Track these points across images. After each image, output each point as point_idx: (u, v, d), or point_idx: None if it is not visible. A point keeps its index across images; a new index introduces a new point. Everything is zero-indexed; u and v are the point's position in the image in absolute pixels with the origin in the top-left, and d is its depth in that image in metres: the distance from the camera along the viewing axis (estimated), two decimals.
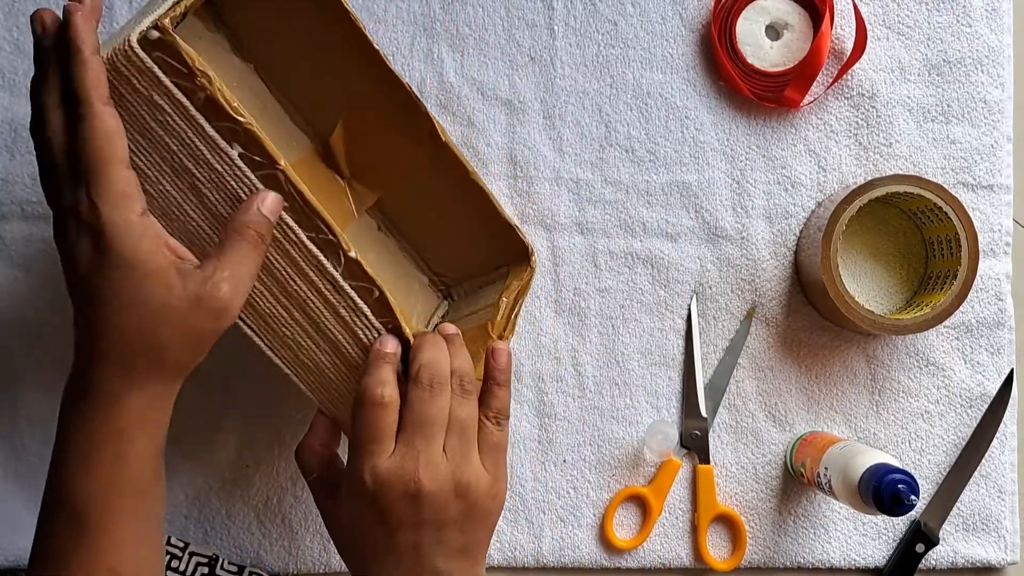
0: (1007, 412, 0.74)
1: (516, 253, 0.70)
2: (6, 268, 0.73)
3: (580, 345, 0.74)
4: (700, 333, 0.74)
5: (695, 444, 0.74)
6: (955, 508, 0.74)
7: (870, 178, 0.69)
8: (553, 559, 0.73)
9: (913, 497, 0.60)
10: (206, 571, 0.70)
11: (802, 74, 0.74)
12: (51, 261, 0.73)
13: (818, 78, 0.74)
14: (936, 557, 0.74)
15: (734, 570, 0.73)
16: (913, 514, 0.74)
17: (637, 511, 0.74)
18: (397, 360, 0.55)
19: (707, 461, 0.74)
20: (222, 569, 0.71)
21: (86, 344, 0.48)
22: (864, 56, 0.75)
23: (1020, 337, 0.76)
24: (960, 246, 0.69)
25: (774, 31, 0.75)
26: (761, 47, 0.74)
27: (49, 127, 0.47)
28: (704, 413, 0.74)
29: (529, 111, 0.75)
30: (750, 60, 0.74)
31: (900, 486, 0.60)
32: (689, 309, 0.74)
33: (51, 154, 0.47)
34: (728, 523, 0.74)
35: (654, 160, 0.75)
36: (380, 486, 0.51)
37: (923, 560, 0.73)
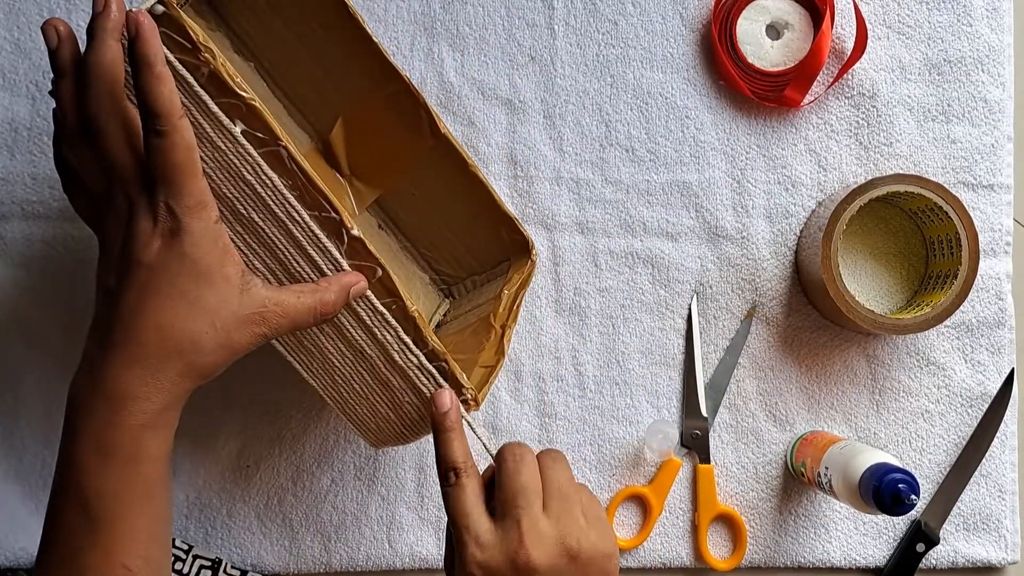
0: (1007, 412, 0.74)
1: (516, 247, 0.70)
2: (6, 268, 0.73)
3: (580, 345, 0.74)
4: (700, 333, 0.74)
5: (695, 444, 0.74)
6: (955, 508, 0.74)
7: (870, 177, 0.69)
8: None
9: (913, 497, 0.60)
10: (209, 574, 0.70)
11: (802, 74, 0.74)
12: (51, 261, 0.73)
13: (818, 78, 0.74)
14: (936, 557, 0.74)
15: (734, 570, 0.73)
16: (913, 514, 0.74)
17: (637, 511, 0.74)
18: (459, 420, 0.54)
19: (707, 461, 0.74)
20: (225, 572, 0.71)
21: (112, 336, 0.48)
22: (864, 56, 0.75)
23: (1020, 337, 0.76)
24: (960, 245, 0.69)
25: (775, 31, 0.75)
26: (762, 47, 0.74)
27: (109, 139, 0.48)
28: (704, 413, 0.74)
29: (529, 111, 0.75)
30: (750, 60, 0.74)
31: (900, 485, 0.60)
32: (689, 309, 0.74)
33: (111, 161, 0.48)
34: (728, 523, 0.74)
35: (654, 160, 0.75)
36: (485, 568, 0.49)
37: (923, 560, 0.73)
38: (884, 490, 0.60)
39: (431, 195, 0.70)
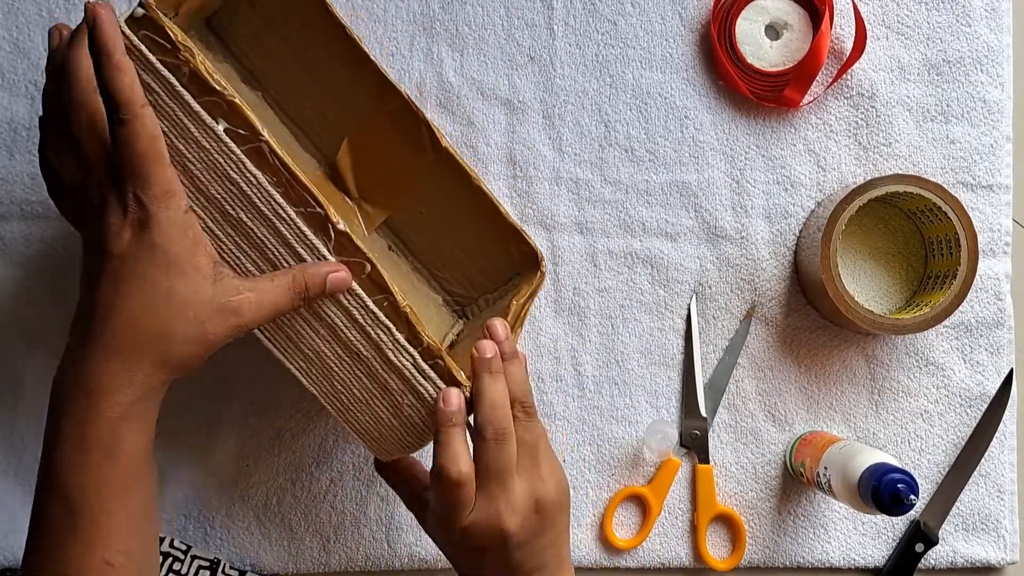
0: (1006, 412, 0.74)
1: (526, 261, 0.69)
2: (5, 268, 0.73)
3: (580, 345, 0.74)
4: (700, 333, 0.74)
5: (695, 444, 0.74)
6: (954, 508, 0.74)
7: (870, 178, 0.69)
8: None
9: (912, 497, 0.60)
10: (208, 574, 0.70)
11: (802, 74, 0.74)
12: (50, 260, 0.73)
13: (818, 78, 0.74)
14: (936, 557, 0.74)
15: (734, 570, 0.73)
16: (913, 514, 0.74)
17: (637, 511, 0.74)
18: (463, 416, 0.55)
19: (707, 461, 0.74)
20: (223, 573, 0.71)
21: (90, 329, 0.48)
22: (864, 56, 0.75)
23: (1019, 337, 0.76)
24: (960, 246, 0.69)
25: (774, 31, 0.75)
26: (761, 47, 0.74)
27: (80, 132, 0.49)
28: (704, 413, 0.74)
29: (529, 111, 0.75)
30: (750, 60, 0.74)
31: (899, 486, 0.60)
32: (689, 309, 0.74)
33: (83, 154, 0.49)
34: (728, 523, 0.74)
35: (654, 160, 0.75)
36: (470, 540, 0.54)
37: (922, 560, 0.73)
38: (883, 490, 0.60)
39: (438, 212, 0.70)
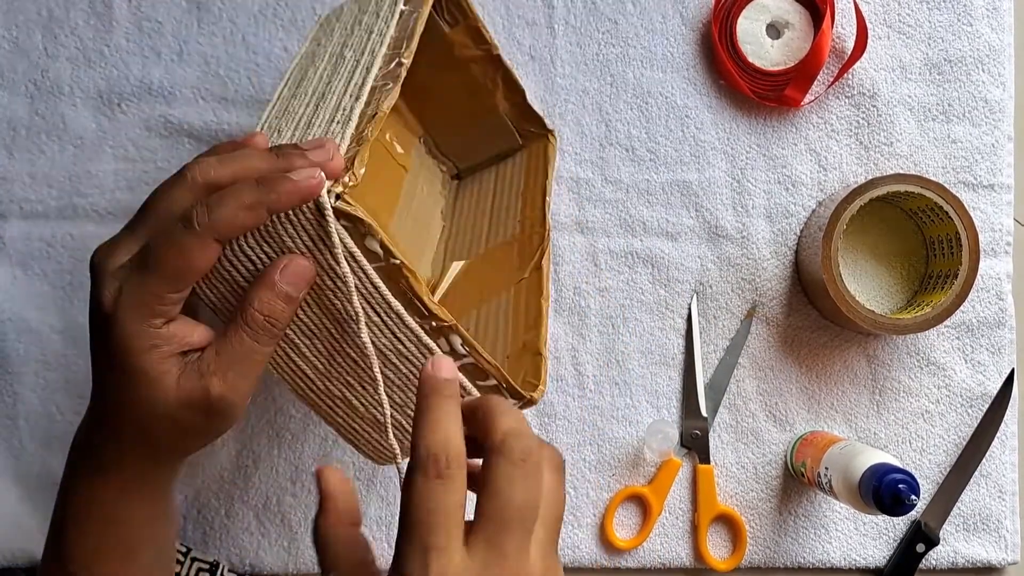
0: (1008, 412, 0.74)
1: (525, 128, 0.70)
2: (5, 267, 0.72)
3: (580, 344, 0.74)
4: (700, 332, 0.74)
5: (695, 444, 0.74)
6: (955, 508, 0.74)
7: (871, 177, 0.69)
8: None
9: (913, 497, 0.60)
10: None
11: (803, 73, 0.73)
12: (50, 260, 0.73)
13: (819, 77, 0.74)
14: (936, 557, 0.74)
15: (734, 570, 0.73)
16: (914, 514, 0.74)
17: (637, 511, 0.74)
18: (457, 388, 0.39)
19: (707, 461, 0.73)
20: None
21: (94, 405, 0.47)
22: (865, 55, 0.74)
23: (1021, 337, 0.75)
24: (961, 245, 0.68)
25: (775, 30, 0.75)
26: (762, 46, 0.74)
27: (166, 200, 0.43)
28: (704, 413, 0.74)
29: None
30: (751, 59, 0.74)
31: (900, 486, 0.60)
32: (689, 308, 0.74)
33: (143, 224, 0.43)
34: (728, 523, 0.74)
35: (654, 159, 0.75)
36: None
37: (923, 560, 0.73)
38: (884, 490, 0.60)
39: (448, 85, 0.68)
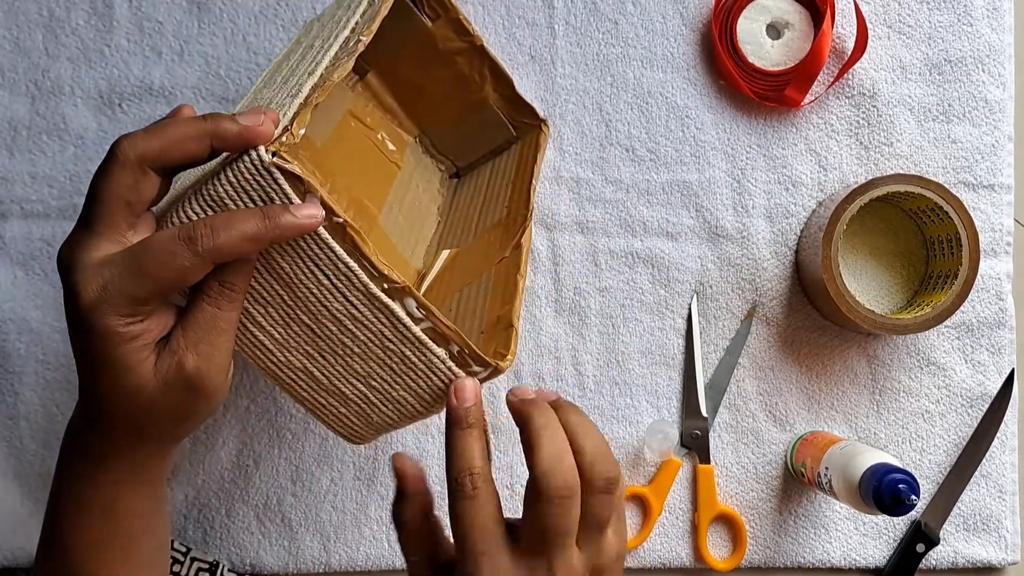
0: (1008, 412, 0.74)
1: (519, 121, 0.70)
2: (6, 267, 0.73)
3: (580, 344, 0.74)
4: (700, 333, 0.74)
5: (695, 444, 0.74)
6: (955, 508, 0.74)
7: (871, 177, 0.69)
8: None
9: (913, 497, 0.60)
10: None
11: (803, 73, 0.73)
12: (51, 260, 0.73)
13: (819, 77, 0.74)
14: (936, 557, 0.74)
15: (734, 570, 0.73)
16: (914, 514, 0.74)
17: (637, 511, 0.74)
18: (482, 415, 0.46)
19: (707, 461, 0.73)
20: None
21: (81, 399, 0.46)
22: (865, 55, 0.74)
23: (1021, 337, 0.75)
24: (961, 245, 0.68)
25: (775, 30, 0.75)
26: (762, 46, 0.74)
27: (106, 183, 0.43)
28: (704, 413, 0.74)
29: None
30: (751, 59, 0.74)
31: (900, 486, 0.60)
32: (689, 308, 0.74)
33: (109, 205, 0.43)
34: (728, 523, 0.74)
35: (655, 159, 0.75)
36: None
37: (923, 560, 0.73)
38: (884, 490, 0.60)
39: (439, 82, 0.69)
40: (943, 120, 0.75)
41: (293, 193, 0.42)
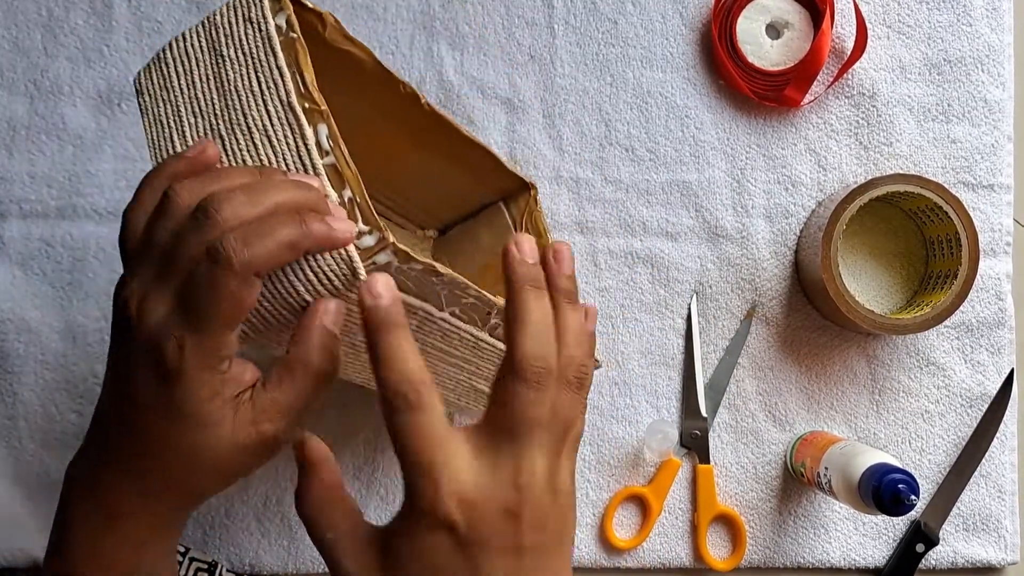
0: (1007, 412, 0.74)
1: (507, 187, 0.69)
2: (5, 267, 0.72)
3: None
4: (700, 333, 0.74)
5: (695, 444, 0.74)
6: (955, 508, 0.74)
7: (870, 177, 0.69)
8: None
9: (913, 497, 0.60)
10: None
11: (802, 73, 0.73)
12: (50, 260, 0.73)
13: (818, 77, 0.74)
14: (936, 557, 0.74)
15: (734, 570, 0.73)
16: (913, 514, 0.74)
17: (637, 511, 0.74)
18: (403, 314, 0.40)
19: (707, 461, 0.73)
20: None
21: (111, 450, 0.44)
22: (865, 55, 0.74)
23: (1020, 337, 0.75)
24: (960, 245, 0.68)
25: (774, 30, 0.75)
26: (761, 46, 0.74)
27: (185, 249, 0.40)
28: (704, 413, 0.74)
29: (529, 110, 0.75)
30: (750, 59, 0.74)
31: (900, 486, 0.60)
32: (689, 309, 0.74)
33: (174, 271, 0.40)
34: (728, 523, 0.74)
35: (654, 159, 0.75)
36: (470, 510, 0.38)
37: (923, 560, 0.73)
38: (884, 490, 0.60)
39: (406, 161, 0.66)
40: (943, 120, 0.75)
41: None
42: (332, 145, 0.43)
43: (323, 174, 0.42)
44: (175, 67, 0.47)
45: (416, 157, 0.65)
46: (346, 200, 0.42)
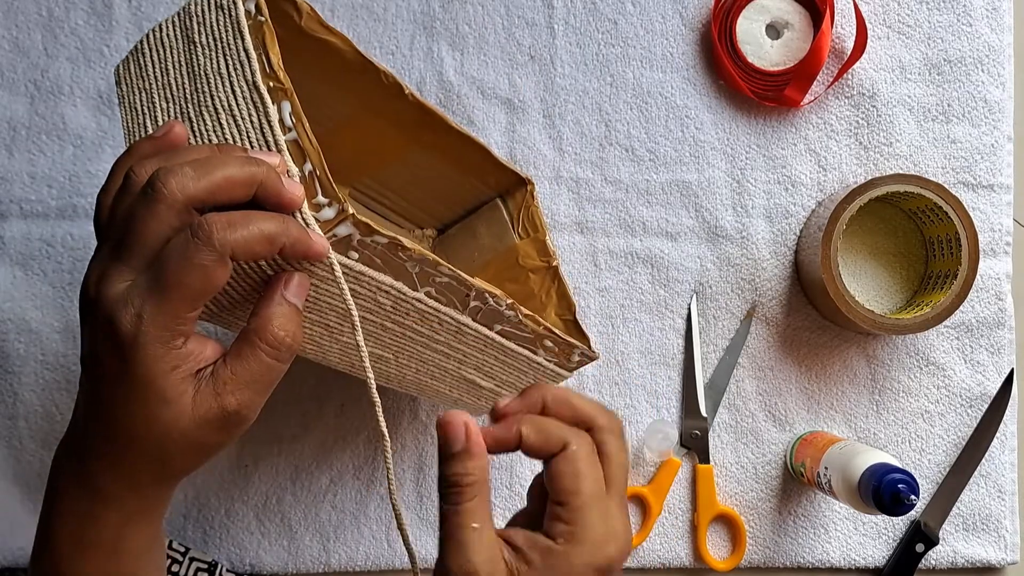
0: (1007, 412, 0.74)
1: (502, 184, 0.69)
2: (5, 267, 0.72)
3: None
4: (700, 333, 0.74)
5: (695, 444, 0.74)
6: (955, 508, 0.74)
7: (870, 177, 0.69)
8: None
9: (913, 497, 0.60)
10: None
11: (802, 73, 0.73)
12: (50, 260, 0.73)
13: (818, 77, 0.74)
14: (936, 557, 0.74)
15: (734, 570, 0.73)
16: (913, 514, 0.74)
17: (637, 511, 0.74)
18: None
19: (707, 461, 0.73)
20: None
21: (89, 433, 0.44)
22: (864, 55, 0.74)
23: (1020, 337, 0.75)
24: (960, 246, 0.68)
25: (774, 30, 0.75)
26: (761, 46, 0.74)
27: (154, 224, 0.41)
28: (704, 413, 0.74)
29: (529, 110, 0.75)
30: (750, 59, 0.74)
31: (900, 486, 0.60)
32: (689, 309, 0.74)
33: (127, 244, 0.41)
34: (728, 523, 0.74)
35: (654, 159, 0.75)
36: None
37: (923, 560, 0.73)
38: (884, 490, 0.60)
39: (406, 161, 0.67)
40: (943, 120, 0.76)
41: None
42: (294, 121, 0.43)
43: (285, 150, 0.43)
44: (151, 56, 0.48)
45: (409, 154, 0.65)
46: (307, 174, 0.43)
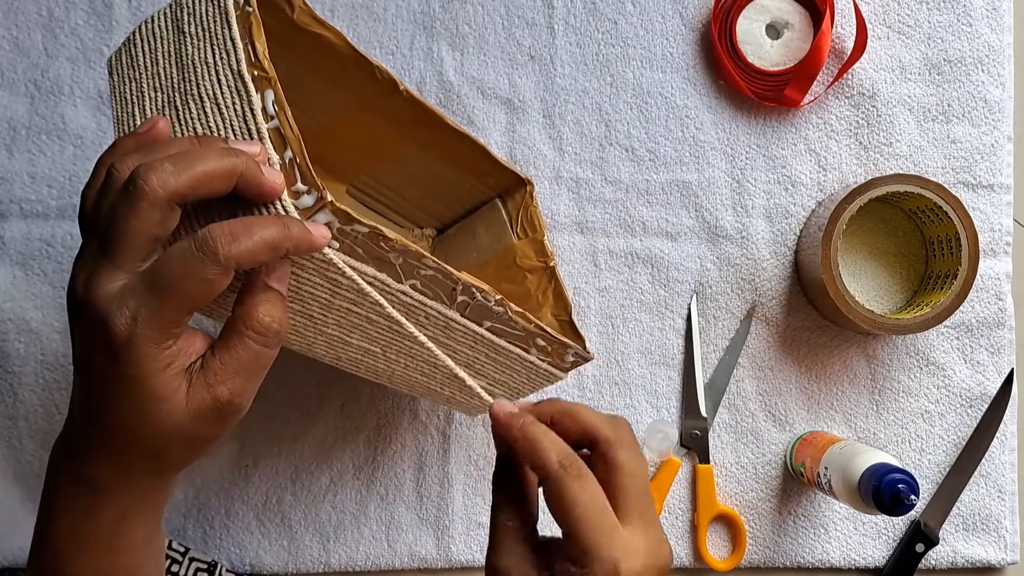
0: (1007, 412, 0.74)
1: (502, 184, 0.68)
2: (5, 267, 0.72)
3: None
4: (700, 333, 0.74)
5: (695, 444, 0.74)
6: (955, 508, 0.74)
7: (870, 177, 0.69)
8: None
9: (913, 497, 0.60)
10: None
11: (802, 73, 0.73)
12: (50, 260, 0.73)
13: (818, 77, 0.74)
14: (936, 557, 0.74)
15: (734, 570, 0.73)
16: (913, 514, 0.74)
17: None
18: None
19: (707, 461, 0.73)
20: None
21: (84, 430, 0.44)
22: (864, 55, 0.74)
23: (1020, 337, 0.75)
24: (960, 245, 0.68)
25: (774, 30, 0.75)
26: (761, 46, 0.74)
27: (137, 222, 0.41)
28: (704, 413, 0.74)
29: (529, 110, 0.75)
30: (750, 59, 0.74)
31: (900, 486, 0.60)
32: (689, 308, 0.74)
33: (112, 243, 0.41)
34: (728, 523, 0.74)
35: (654, 159, 0.75)
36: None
37: (923, 560, 0.73)
38: (884, 490, 0.60)
39: (404, 160, 0.67)
40: (942, 120, 0.76)
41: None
42: (276, 110, 0.43)
43: (267, 138, 0.43)
44: (142, 46, 0.48)
45: (405, 152, 0.65)
46: (287, 161, 0.43)
